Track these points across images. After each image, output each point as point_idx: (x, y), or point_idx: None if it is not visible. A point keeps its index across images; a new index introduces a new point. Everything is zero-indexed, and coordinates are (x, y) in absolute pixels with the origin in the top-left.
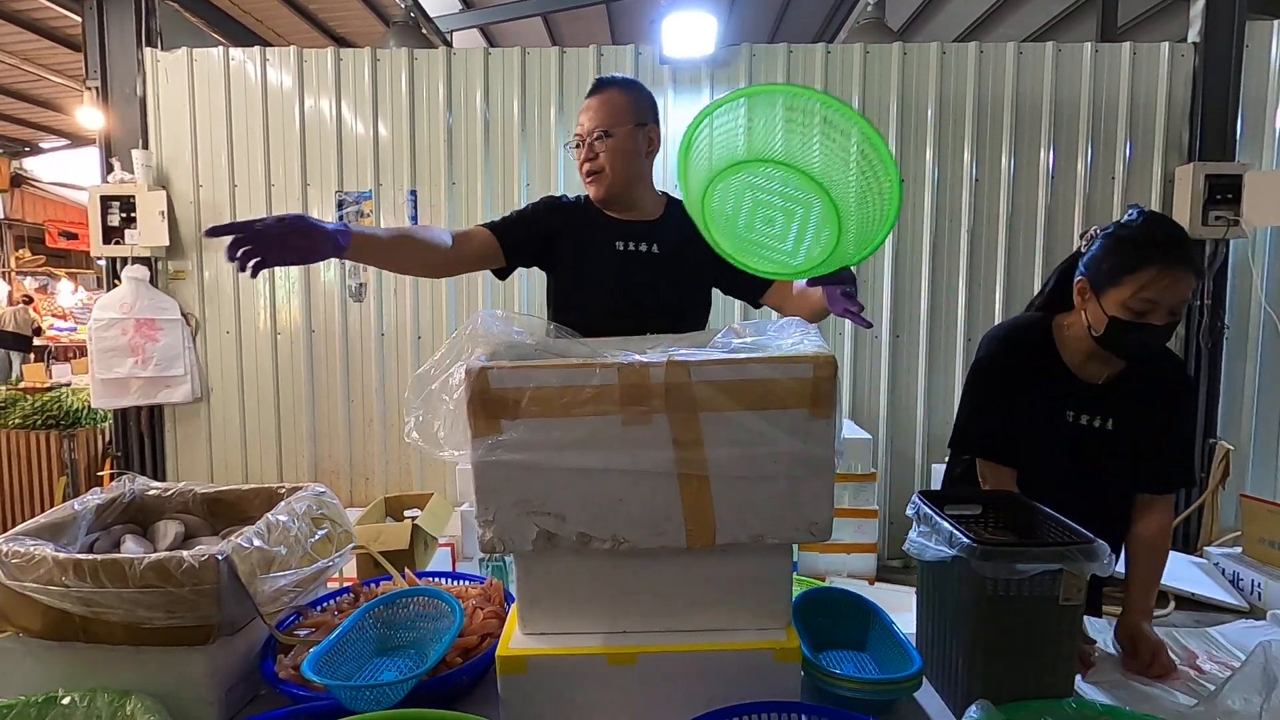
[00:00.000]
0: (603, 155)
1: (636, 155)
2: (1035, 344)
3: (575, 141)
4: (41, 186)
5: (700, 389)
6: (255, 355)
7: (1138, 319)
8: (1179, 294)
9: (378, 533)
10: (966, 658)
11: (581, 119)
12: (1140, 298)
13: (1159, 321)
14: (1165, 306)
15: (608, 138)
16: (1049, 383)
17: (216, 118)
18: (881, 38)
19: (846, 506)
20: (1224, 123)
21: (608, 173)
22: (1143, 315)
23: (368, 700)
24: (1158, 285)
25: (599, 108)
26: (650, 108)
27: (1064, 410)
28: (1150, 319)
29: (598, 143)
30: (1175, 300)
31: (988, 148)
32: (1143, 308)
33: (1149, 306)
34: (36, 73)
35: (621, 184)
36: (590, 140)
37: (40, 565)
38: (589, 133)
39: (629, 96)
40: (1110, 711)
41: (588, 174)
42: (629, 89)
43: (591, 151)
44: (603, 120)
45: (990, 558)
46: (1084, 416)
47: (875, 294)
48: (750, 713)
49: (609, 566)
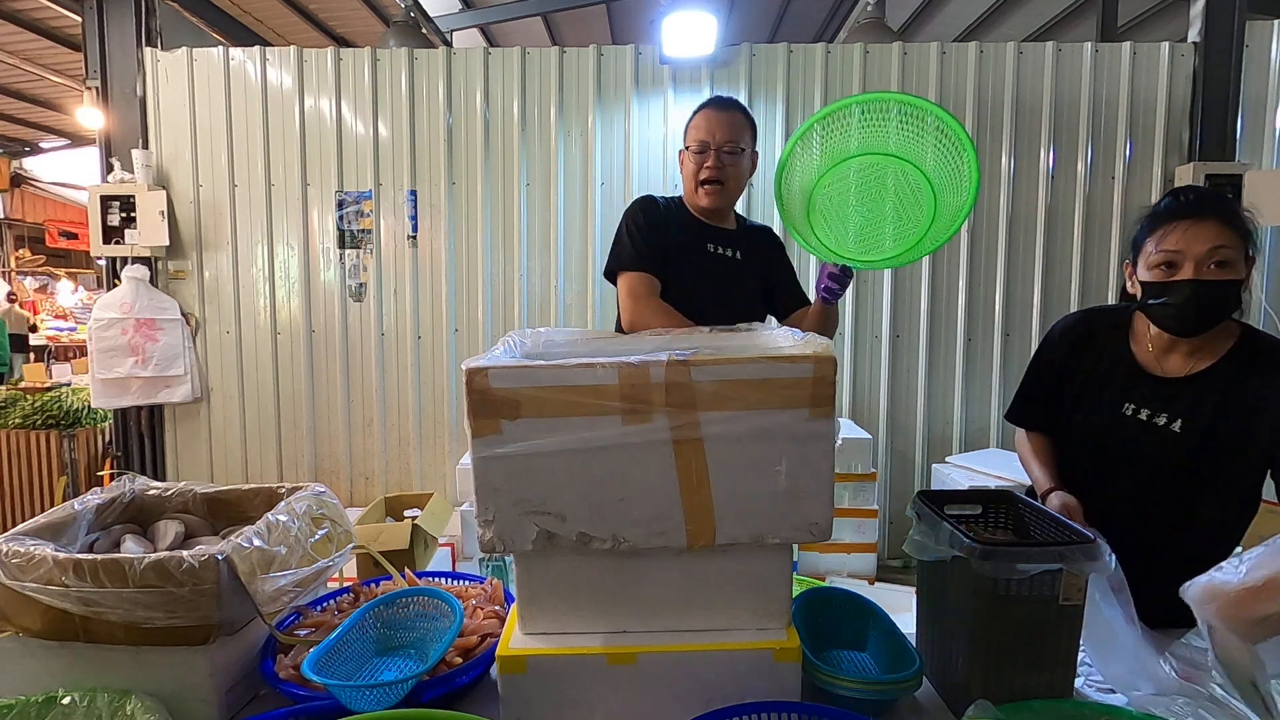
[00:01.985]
0: (729, 168)
1: (748, 174)
2: (1104, 331)
3: (698, 147)
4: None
5: (700, 388)
6: (255, 355)
7: (1166, 278)
8: (1202, 241)
9: (378, 532)
10: (966, 658)
11: (708, 128)
12: (1161, 250)
13: (1188, 275)
14: (1191, 256)
15: (740, 154)
16: (1114, 374)
17: (216, 117)
18: (881, 37)
19: (846, 506)
20: (1224, 122)
21: (730, 186)
22: (1170, 272)
23: (368, 700)
24: (1174, 235)
25: (731, 123)
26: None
27: (1121, 403)
28: (1179, 274)
29: (728, 156)
30: (1201, 248)
31: (988, 148)
32: (1166, 260)
33: (1171, 258)
34: (37, 72)
35: (736, 197)
36: (720, 151)
37: (40, 565)
38: (720, 144)
39: (749, 121)
40: (1110, 711)
41: (708, 181)
42: (747, 113)
43: (719, 161)
44: (735, 136)
45: (990, 558)
46: (1144, 411)
47: (875, 294)
48: (750, 713)
49: (609, 566)
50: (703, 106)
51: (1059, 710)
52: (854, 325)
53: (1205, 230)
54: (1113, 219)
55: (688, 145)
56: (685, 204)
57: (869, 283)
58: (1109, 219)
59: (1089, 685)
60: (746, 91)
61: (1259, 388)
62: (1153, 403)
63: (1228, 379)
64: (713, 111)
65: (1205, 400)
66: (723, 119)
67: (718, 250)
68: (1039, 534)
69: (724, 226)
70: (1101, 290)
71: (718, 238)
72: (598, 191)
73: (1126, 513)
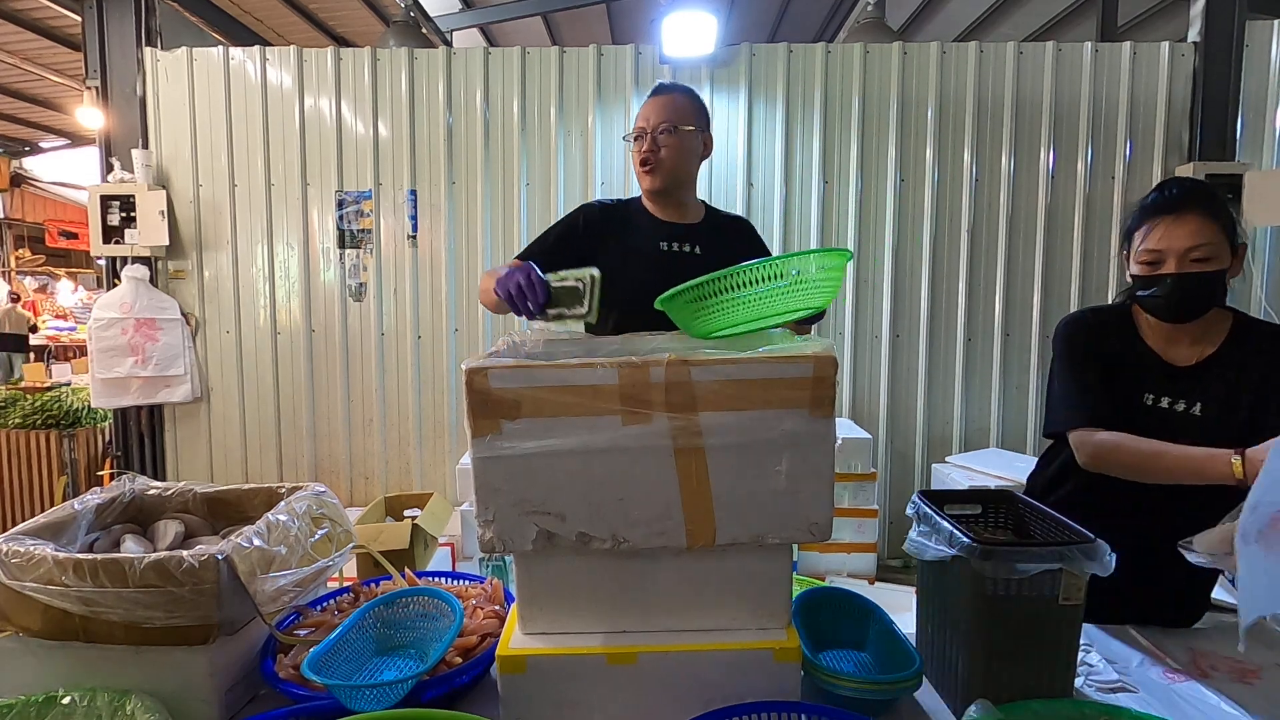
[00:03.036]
0: (665, 149)
1: (693, 155)
2: (1113, 325)
3: (636, 133)
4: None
5: (700, 388)
6: (255, 355)
7: (1152, 271)
8: (1182, 238)
9: (378, 532)
10: (966, 657)
11: (644, 114)
12: (1144, 249)
13: (1173, 269)
14: (1174, 253)
15: (673, 133)
16: (1128, 365)
17: (216, 117)
18: (881, 37)
19: (846, 506)
20: (1224, 122)
21: (666, 165)
22: (1155, 267)
23: (368, 700)
24: (1156, 233)
25: (665, 105)
26: (706, 115)
27: (1141, 393)
28: (1163, 269)
29: (662, 136)
30: (1181, 244)
31: (988, 147)
32: (1151, 258)
33: (1157, 256)
34: (36, 72)
35: (676, 178)
36: (654, 134)
37: (40, 565)
38: (654, 127)
39: (690, 100)
40: (1111, 711)
41: (645, 165)
42: (692, 95)
43: (654, 144)
44: (669, 116)
45: (990, 557)
46: (1165, 399)
47: (875, 293)
48: (750, 712)
49: (609, 566)
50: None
51: (1059, 710)
52: (854, 325)
53: (1185, 227)
54: (1113, 219)
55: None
56: (644, 201)
57: (869, 283)
58: (1109, 219)
59: (1089, 685)
60: (746, 91)
61: (1263, 367)
62: (1170, 390)
63: (1234, 362)
64: (650, 98)
65: (1218, 384)
66: (657, 103)
67: (671, 247)
68: (1039, 534)
69: (684, 221)
70: (1102, 290)
71: (674, 234)
72: (598, 191)
73: (1157, 502)
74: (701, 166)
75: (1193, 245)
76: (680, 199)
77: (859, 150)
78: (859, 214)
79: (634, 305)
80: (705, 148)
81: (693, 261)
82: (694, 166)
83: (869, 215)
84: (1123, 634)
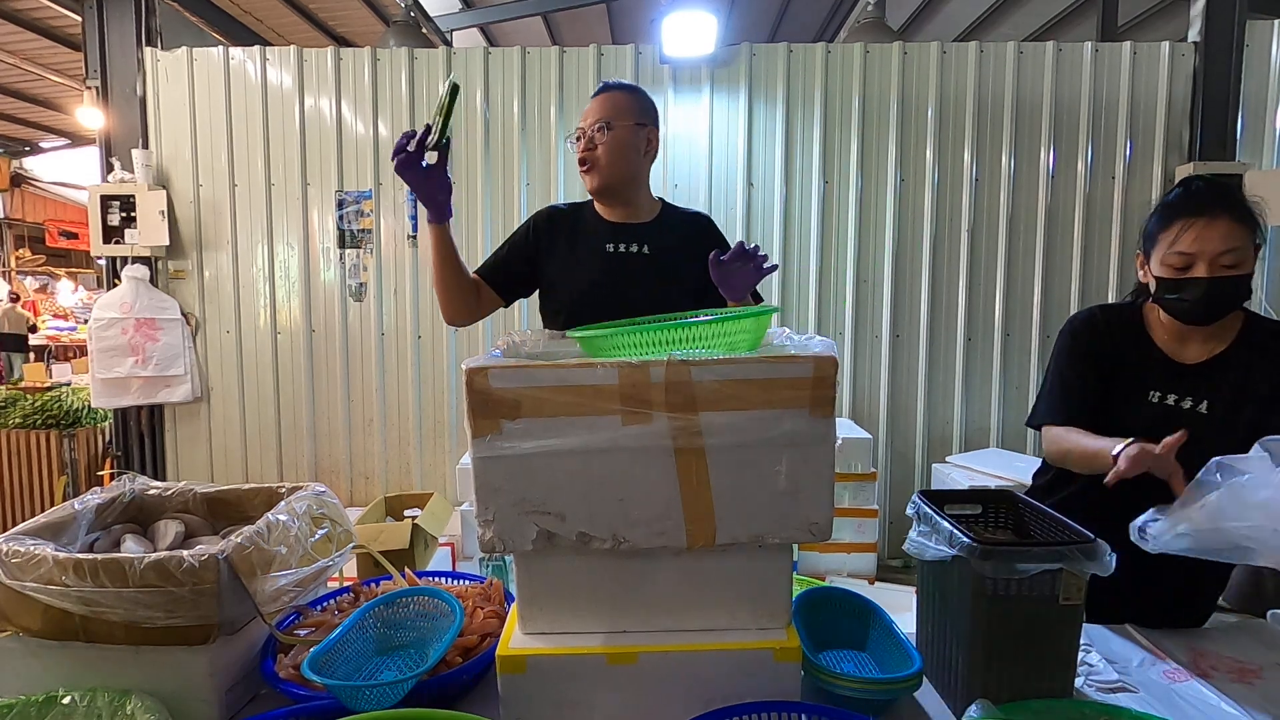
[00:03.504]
0: (600, 147)
1: (634, 151)
2: (1121, 324)
3: (576, 135)
4: (42, 186)
5: (700, 388)
6: (255, 355)
7: (1180, 274)
8: (1215, 242)
9: (378, 532)
10: (966, 657)
11: (584, 114)
12: (1174, 251)
13: (1203, 274)
14: (1205, 256)
15: (608, 130)
16: (1134, 363)
17: (216, 117)
18: (882, 37)
19: (846, 506)
20: (1224, 122)
21: (603, 163)
22: (1184, 270)
23: (368, 700)
24: (1189, 235)
25: (602, 103)
26: (651, 111)
27: (1146, 390)
28: (1193, 272)
29: (597, 134)
30: (1214, 248)
31: (988, 147)
32: (1180, 262)
33: (1187, 260)
34: (37, 72)
35: (615, 176)
36: (590, 133)
37: (40, 565)
38: (590, 125)
39: (631, 96)
40: (1111, 711)
41: (582, 164)
42: (633, 91)
43: (590, 143)
44: (604, 114)
45: (990, 557)
46: (1171, 397)
47: (875, 293)
48: (750, 712)
49: (609, 566)
50: None
51: (1059, 710)
52: (854, 325)
53: (1218, 229)
54: (1113, 219)
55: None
56: (594, 203)
57: (869, 283)
58: (1109, 219)
59: (1089, 685)
60: (746, 91)
61: (1269, 367)
62: (1178, 388)
63: (1243, 361)
64: (591, 100)
65: (1227, 382)
66: (595, 102)
67: (619, 248)
68: (1039, 534)
69: (633, 221)
70: (1102, 290)
71: (622, 234)
72: None
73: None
74: (702, 166)
75: (1225, 249)
76: (628, 198)
77: (859, 150)
78: (859, 214)
79: (581, 307)
80: (650, 144)
81: (640, 261)
82: (636, 163)
83: (869, 215)
84: (1123, 634)
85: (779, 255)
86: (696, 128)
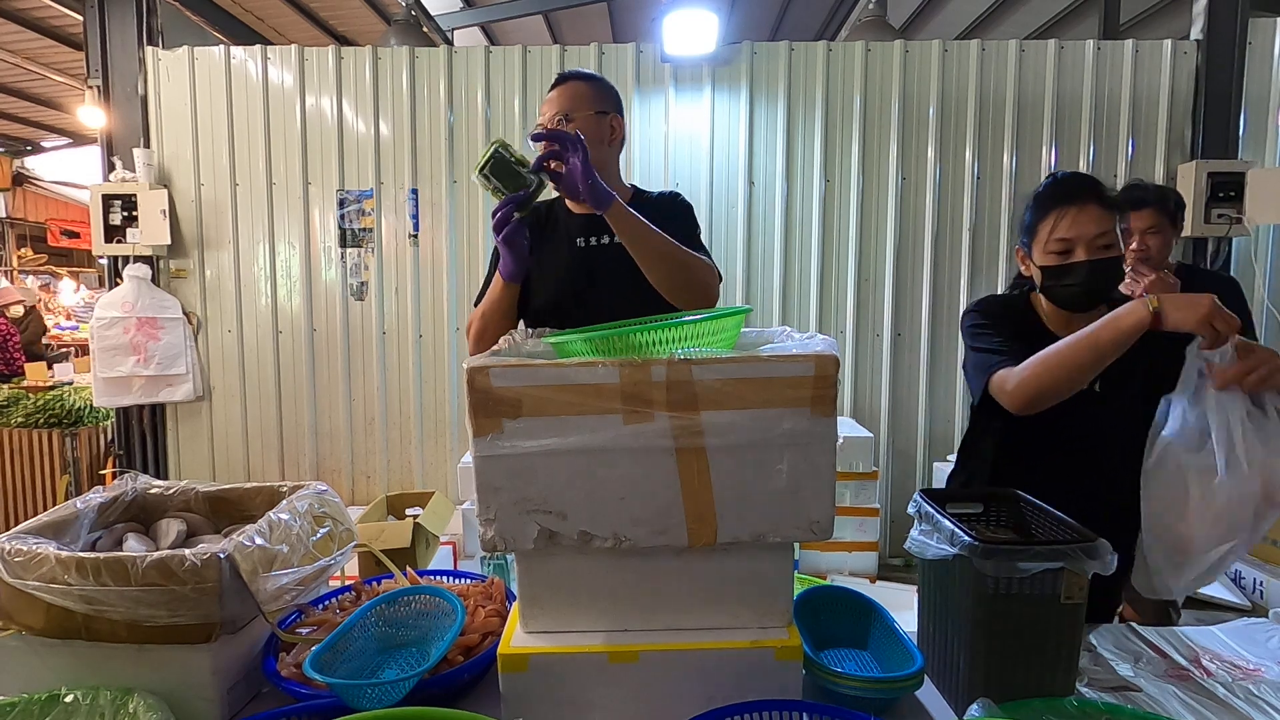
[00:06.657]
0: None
1: (597, 141)
2: (1015, 312)
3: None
4: (43, 185)
5: (701, 387)
6: (257, 354)
7: (1062, 259)
8: (1090, 225)
9: (379, 531)
10: (968, 656)
11: (542, 110)
12: (1055, 238)
13: (1083, 257)
14: (1083, 240)
15: (567, 122)
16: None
17: (218, 116)
18: (883, 35)
19: (848, 505)
20: (1226, 120)
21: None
22: (1066, 254)
23: (369, 698)
24: (1064, 223)
25: (560, 95)
26: (612, 98)
27: None
28: (1074, 257)
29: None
30: (1090, 232)
31: (989, 146)
32: (1061, 247)
33: (1066, 246)
34: (38, 71)
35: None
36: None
37: (43, 563)
38: (549, 119)
39: (590, 85)
40: (1112, 710)
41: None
42: (590, 79)
43: None
44: (562, 106)
45: (991, 556)
46: None
47: (877, 292)
48: (751, 711)
49: (610, 565)
50: None
51: (1060, 709)
52: (855, 323)
53: (1090, 214)
54: None
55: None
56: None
57: (871, 281)
58: None
59: (1090, 684)
60: (748, 90)
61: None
62: None
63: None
64: (548, 94)
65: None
66: (551, 96)
67: (589, 242)
68: (1040, 532)
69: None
70: None
71: (589, 227)
72: None
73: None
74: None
75: (1099, 232)
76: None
77: (860, 148)
78: (860, 212)
79: (554, 305)
80: (614, 131)
81: (610, 253)
82: (601, 153)
83: (870, 214)
84: (1123, 634)
85: (780, 254)
86: (697, 126)
